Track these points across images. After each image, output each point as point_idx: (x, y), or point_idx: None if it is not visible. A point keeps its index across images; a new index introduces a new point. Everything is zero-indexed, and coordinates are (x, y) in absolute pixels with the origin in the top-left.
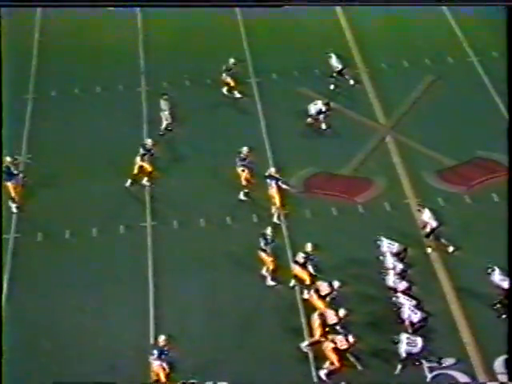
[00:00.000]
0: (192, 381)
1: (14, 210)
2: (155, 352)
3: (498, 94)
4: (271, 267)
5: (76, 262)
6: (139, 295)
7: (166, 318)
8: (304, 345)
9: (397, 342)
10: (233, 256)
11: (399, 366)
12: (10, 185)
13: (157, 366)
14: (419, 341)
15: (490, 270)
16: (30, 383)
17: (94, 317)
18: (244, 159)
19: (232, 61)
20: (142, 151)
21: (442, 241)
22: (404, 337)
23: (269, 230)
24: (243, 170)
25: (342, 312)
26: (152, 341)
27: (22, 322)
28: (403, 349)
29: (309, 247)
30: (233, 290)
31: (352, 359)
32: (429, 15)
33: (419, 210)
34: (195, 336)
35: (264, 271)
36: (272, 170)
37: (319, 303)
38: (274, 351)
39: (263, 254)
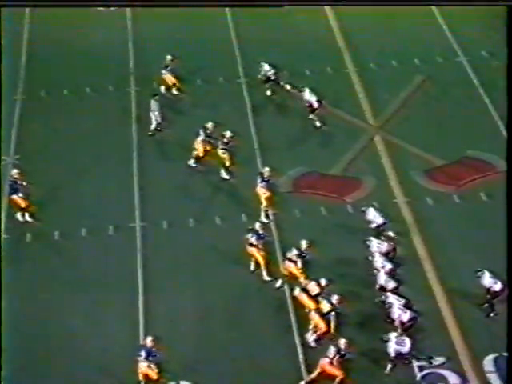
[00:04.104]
0: (183, 382)
1: (29, 219)
2: (143, 353)
3: (486, 94)
4: (263, 262)
5: (65, 262)
6: (128, 296)
7: (155, 318)
8: None
9: (386, 341)
10: (222, 256)
11: (389, 366)
12: (16, 198)
13: (145, 367)
14: (407, 341)
15: (479, 274)
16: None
17: (83, 317)
18: (227, 143)
19: (169, 57)
20: (202, 134)
21: (386, 235)
22: (393, 336)
23: (258, 225)
24: (224, 153)
25: (323, 281)
26: (147, 339)
27: (10, 323)
28: (392, 348)
29: (303, 245)
30: (223, 289)
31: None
32: (418, 15)
33: (363, 211)
34: (185, 336)
35: (252, 267)
36: (266, 170)
37: (310, 303)
38: (264, 349)
39: (253, 250)
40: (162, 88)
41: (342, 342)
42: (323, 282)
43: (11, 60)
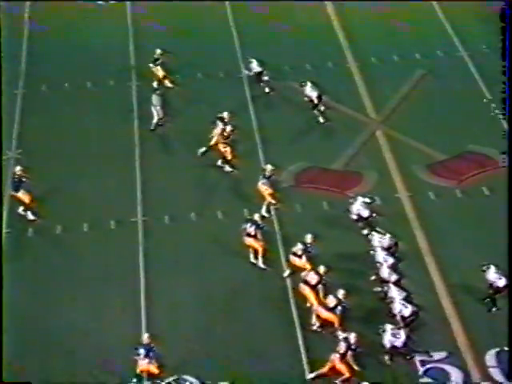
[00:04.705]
0: (184, 376)
1: (32, 217)
2: (142, 351)
3: (487, 88)
4: (261, 250)
5: (67, 257)
6: (130, 290)
7: (157, 313)
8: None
9: (383, 331)
10: (224, 250)
11: (386, 357)
12: (20, 195)
13: (146, 365)
14: (402, 334)
15: (485, 268)
16: (19, 379)
17: (84, 312)
18: (227, 137)
19: (158, 51)
20: (220, 124)
21: (378, 229)
22: (388, 327)
23: (257, 216)
24: (225, 147)
25: (322, 269)
26: (144, 336)
27: (11, 318)
28: (387, 339)
29: (308, 239)
30: (225, 284)
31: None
32: (418, 9)
33: (351, 203)
34: (187, 330)
35: (252, 258)
36: (268, 167)
37: (311, 296)
38: (266, 343)
39: (251, 240)
40: (155, 82)
41: (352, 337)
42: (322, 269)
43: (12, 54)
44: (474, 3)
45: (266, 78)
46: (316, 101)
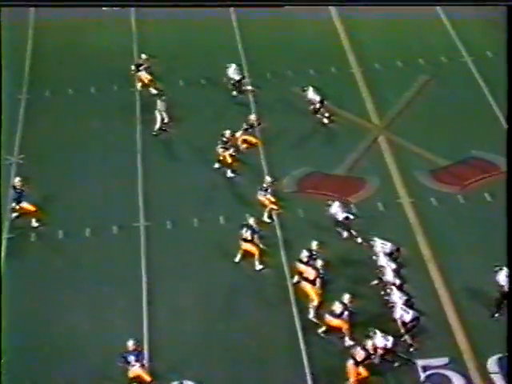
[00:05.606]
0: (185, 381)
1: (35, 224)
2: (132, 358)
3: (491, 94)
4: (258, 253)
5: (69, 262)
6: (132, 295)
7: (158, 318)
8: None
9: (374, 333)
10: (226, 255)
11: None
12: (25, 205)
13: (138, 369)
14: (391, 338)
15: (497, 269)
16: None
17: (85, 317)
18: (226, 142)
19: (144, 56)
20: (245, 126)
21: (352, 232)
22: (378, 331)
23: (252, 220)
24: (224, 152)
25: (319, 263)
26: (146, 341)
27: (13, 322)
28: (379, 341)
29: (314, 246)
30: (226, 289)
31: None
32: (422, 15)
33: (329, 205)
34: (189, 336)
35: (237, 259)
36: (267, 179)
37: (312, 292)
38: (268, 348)
39: (248, 245)
40: (139, 85)
41: (370, 344)
42: (319, 263)
43: (16, 59)
44: (477, 8)
45: (248, 87)
46: (318, 105)
